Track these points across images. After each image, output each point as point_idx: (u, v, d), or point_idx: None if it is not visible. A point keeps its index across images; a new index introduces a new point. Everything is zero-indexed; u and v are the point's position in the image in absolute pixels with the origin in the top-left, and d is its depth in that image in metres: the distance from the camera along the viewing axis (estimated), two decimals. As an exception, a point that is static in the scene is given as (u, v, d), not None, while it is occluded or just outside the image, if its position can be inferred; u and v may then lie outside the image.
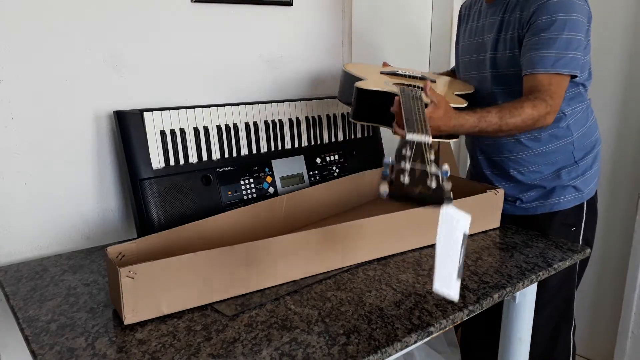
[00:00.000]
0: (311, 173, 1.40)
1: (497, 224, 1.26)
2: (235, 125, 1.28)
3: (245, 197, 1.27)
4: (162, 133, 1.17)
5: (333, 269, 1.03)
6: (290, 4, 1.44)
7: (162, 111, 1.18)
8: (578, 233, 1.35)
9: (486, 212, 1.23)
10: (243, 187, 1.27)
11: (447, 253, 0.79)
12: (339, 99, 1.35)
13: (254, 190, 1.29)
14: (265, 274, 0.95)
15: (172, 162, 1.18)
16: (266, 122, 1.34)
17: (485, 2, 1.32)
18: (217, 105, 1.26)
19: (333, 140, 1.47)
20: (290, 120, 1.38)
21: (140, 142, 1.14)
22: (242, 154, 1.29)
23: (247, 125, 1.30)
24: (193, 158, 1.21)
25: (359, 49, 1.62)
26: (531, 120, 1.11)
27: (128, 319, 0.82)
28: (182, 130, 1.20)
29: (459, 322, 0.90)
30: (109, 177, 1.22)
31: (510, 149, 1.30)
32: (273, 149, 1.35)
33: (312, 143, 1.43)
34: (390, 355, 0.79)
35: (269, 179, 1.32)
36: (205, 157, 1.23)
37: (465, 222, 0.80)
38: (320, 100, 1.45)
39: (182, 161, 1.20)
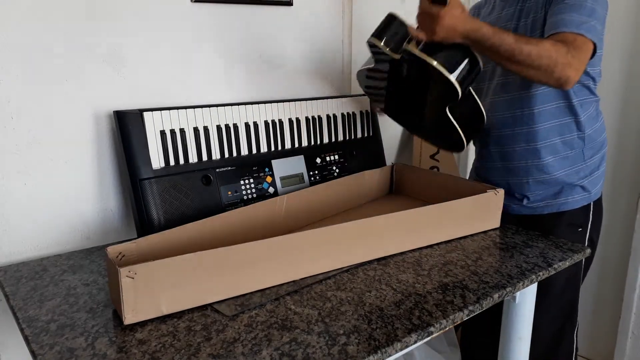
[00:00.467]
0: (311, 173, 1.40)
1: (497, 224, 1.26)
2: (235, 125, 1.28)
3: (245, 197, 1.27)
4: (162, 133, 1.17)
5: (333, 269, 1.03)
6: (290, 4, 1.44)
7: (162, 111, 1.18)
8: (584, 234, 1.34)
9: (486, 212, 1.23)
10: (243, 187, 1.27)
11: None
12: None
13: (254, 190, 1.29)
14: (265, 274, 0.95)
15: (172, 162, 1.18)
16: (266, 122, 1.34)
17: None
18: (217, 105, 1.26)
19: (333, 140, 1.47)
20: (290, 120, 1.38)
21: (140, 142, 1.14)
22: (242, 154, 1.29)
23: (247, 125, 1.30)
24: (193, 158, 1.21)
25: (359, 49, 1.62)
26: (548, 57, 1.05)
27: (128, 319, 0.82)
28: (182, 130, 1.20)
29: (459, 322, 0.90)
30: (108, 177, 1.22)
31: (526, 139, 1.29)
32: (273, 149, 1.35)
33: (312, 143, 1.43)
34: (390, 355, 0.79)
35: (269, 179, 1.32)
36: (205, 157, 1.23)
37: None
38: (320, 100, 1.45)
39: (182, 161, 1.20)
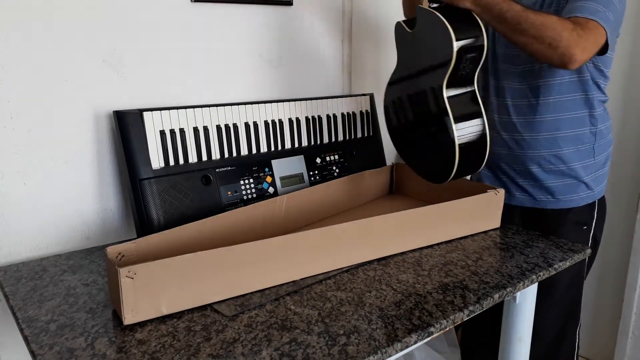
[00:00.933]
0: (311, 173, 1.40)
1: (497, 224, 1.26)
2: (235, 125, 1.28)
3: (245, 197, 1.27)
4: (162, 133, 1.17)
5: (333, 269, 1.02)
6: (290, 4, 1.44)
7: (162, 111, 1.18)
8: (589, 232, 1.34)
9: (486, 212, 1.23)
10: (243, 187, 1.27)
11: None
12: None
13: (253, 190, 1.29)
14: (265, 274, 0.94)
15: (171, 162, 1.18)
16: (266, 122, 1.34)
17: None
18: (217, 105, 1.26)
19: (333, 140, 1.47)
20: (290, 120, 1.38)
21: (140, 142, 1.14)
22: (242, 154, 1.29)
23: (247, 125, 1.30)
24: (193, 158, 1.21)
25: (359, 49, 1.62)
26: (553, 29, 1.02)
27: (128, 319, 0.82)
28: (182, 130, 1.20)
29: (459, 323, 0.90)
30: (108, 177, 1.22)
31: (539, 129, 1.29)
32: (273, 149, 1.35)
33: (312, 143, 1.42)
34: (390, 356, 0.79)
35: (269, 179, 1.32)
36: (205, 157, 1.23)
37: None
38: (320, 100, 1.45)
39: (181, 161, 1.19)
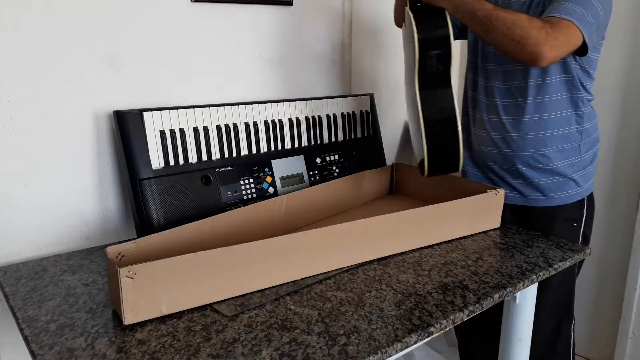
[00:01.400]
0: (311, 173, 1.40)
1: (497, 224, 1.26)
2: (235, 125, 1.28)
3: (245, 197, 1.27)
4: (162, 133, 1.17)
5: (333, 269, 1.03)
6: (290, 4, 1.44)
7: (162, 111, 1.18)
8: (579, 229, 1.36)
9: (486, 212, 1.23)
10: (243, 187, 1.27)
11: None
12: None
13: (253, 190, 1.29)
14: (265, 274, 0.94)
15: (171, 162, 1.18)
16: (266, 122, 1.34)
17: None
18: (217, 105, 1.26)
19: (333, 140, 1.47)
20: (290, 120, 1.38)
21: (140, 142, 1.14)
22: (242, 154, 1.29)
23: (247, 125, 1.30)
24: (193, 158, 1.21)
25: (359, 49, 1.62)
26: (521, 27, 1.05)
27: (128, 319, 0.82)
28: (182, 130, 1.20)
29: (459, 323, 0.90)
30: (108, 177, 1.22)
31: (526, 128, 1.29)
32: (273, 149, 1.35)
33: (312, 143, 1.42)
34: (390, 356, 0.79)
35: (269, 179, 1.32)
36: (205, 157, 1.23)
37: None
38: (320, 100, 1.45)
39: (181, 161, 1.19)
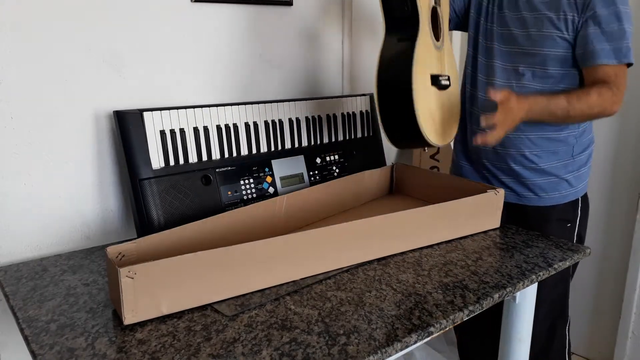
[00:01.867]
0: (311, 173, 1.40)
1: (497, 224, 1.26)
2: (235, 125, 1.28)
3: (245, 197, 1.27)
4: (162, 133, 1.17)
5: (333, 269, 1.03)
6: (290, 4, 1.44)
7: (162, 111, 1.18)
8: (573, 229, 1.37)
9: (486, 212, 1.23)
10: (243, 187, 1.27)
11: None
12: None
13: (254, 190, 1.29)
14: (265, 274, 0.95)
15: (172, 162, 1.18)
16: (266, 122, 1.34)
17: None
18: (217, 105, 1.26)
19: (333, 140, 1.47)
20: (290, 120, 1.38)
21: (140, 142, 1.14)
22: (242, 154, 1.29)
23: (247, 125, 1.30)
24: (193, 158, 1.21)
25: (359, 49, 1.62)
26: (598, 107, 1.18)
27: (128, 319, 0.82)
28: (182, 130, 1.20)
29: (459, 323, 0.90)
30: (109, 177, 1.22)
31: (521, 128, 1.28)
32: (273, 149, 1.35)
33: (312, 143, 1.43)
34: (390, 356, 0.79)
35: (269, 179, 1.32)
36: (205, 157, 1.23)
37: None
38: (320, 100, 1.45)
39: (182, 161, 1.20)
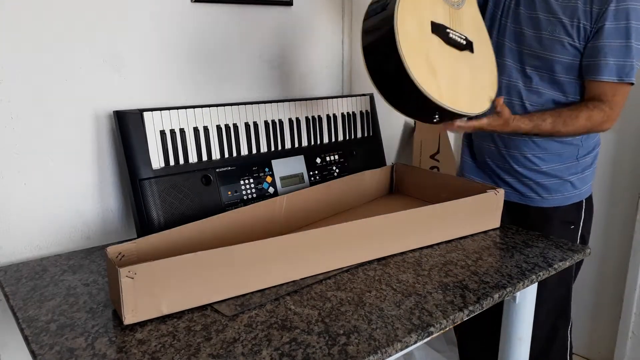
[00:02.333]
0: (311, 173, 1.40)
1: (497, 224, 1.26)
2: (235, 125, 1.28)
3: (245, 197, 1.27)
4: (162, 133, 1.17)
5: (333, 269, 1.03)
6: (290, 4, 1.44)
7: (162, 111, 1.18)
8: (576, 231, 1.36)
9: (486, 212, 1.23)
10: (243, 187, 1.27)
11: None
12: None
13: (254, 190, 1.29)
14: (265, 274, 0.95)
15: (172, 162, 1.18)
16: (266, 122, 1.34)
17: None
18: (217, 105, 1.26)
19: (333, 140, 1.47)
20: (290, 120, 1.38)
21: (140, 142, 1.14)
22: (242, 154, 1.29)
23: (247, 125, 1.30)
24: (193, 158, 1.21)
25: (359, 49, 1.62)
26: (583, 129, 1.20)
27: (128, 319, 0.82)
28: (182, 130, 1.20)
29: (459, 323, 0.90)
30: (109, 177, 1.22)
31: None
32: (273, 149, 1.35)
33: (312, 143, 1.42)
34: (390, 356, 0.79)
35: (269, 179, 1.32)
36: (205, 157, 1.23)
37: None
38: (320, 100, 1.45)
39: (182, 161, 1.20)
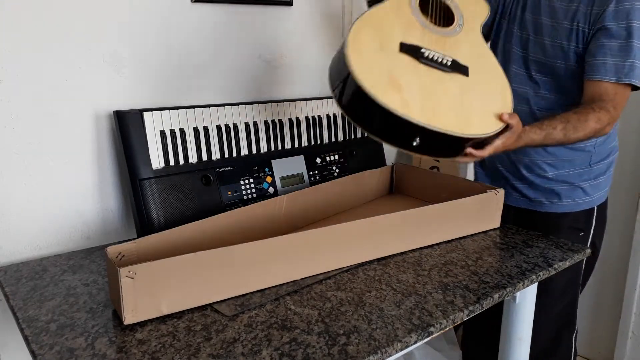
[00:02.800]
0: (311, 173, 1.40)
1: (497, 224, 1.26)
2: (235, 125, 1.28)
3: (245, 197, 1.27)
4: (162, 133, 1.17)
5: (333, 269, 1.03)
6: (290, 4, 1.44)
7: (162, 111, 1.18)
8: (586, 238, 1.33)
9: (486, 212, 1.23)
10: (243, 187, 1.27)
11: None
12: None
13: (254, 190, 1.29)
14: (265, 274, 0.95)
15: (172, 162, 1.18)
16: (266, 122, 1.34)
17: None
18: (217, 105, 1.26)
19: (333, 140, 1.47)
20: (290, 120, 1.38)
21: (140, 142, 1.14)
22: (242, 154, 1.29)
23: (247, 125, 1.30)
24: (193, 158, 1.21)
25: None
26: (593, 133, 1.14)
27: (128, 319, 0.82)
28: (182, 130, 1.20)
29: (459, 323, 0.90)
30: (109, 177, 1.22)
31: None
32: (273, 149, 1.35)
33: (312, 143, 1.42)
34: (390, 355, 0.79)
35: (269, 179, 1.32)
36: (205, 157, 1.23)
37: None
38: (320, 100, 1.45)
39: (182, 161, 1.20)
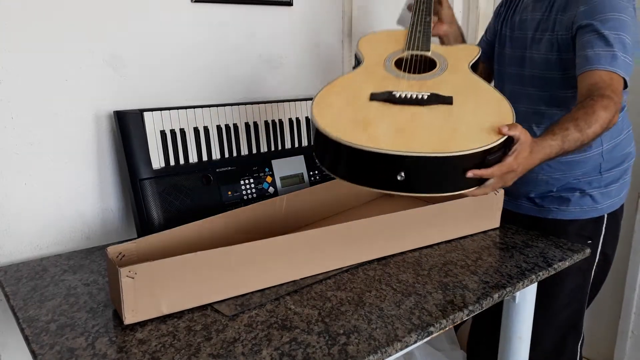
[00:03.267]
0: (311, 173, 1.40)
1: (497, 224, 1.26)
2: (235, 125, 1.28)
3: (245, 197, 1.27)
4: (162, 133, 1.17)
5: (333, 269, 1.03)
6: (290, 4, 1.44)
7: (162, 111, 1.18)
8: (595, 247, 1.27)
9: (486, 212, 1.23)
10: (243, 187, 1.27)
11: None
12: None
13: (254, 190, 1.29)
14: (265, 274, 0.95)
15: (172, 162, 1.18)
16: (266, 122, 1.34)
17: None
18: (217, 105, 1.26)
19: (333, 140, 1.47)
20: (290, 120, 1.38)
21: (140, 142, 1.14)
22: (242, 154, 1.29)
23: (247, 125, 1.30)
24: (193, 158, 1.21)
25: (359, 49, 1.62)
26: (606, 123, 1.04)
27: (128, 319, 0.82)
28: (182, 130, 1.20)
29: (459, 322, 0.90)
30: (109, 177, 1.22)
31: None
32: (273, 149, 1.35)
33: (312, 143, 1.42)
34: (390, 355, 0.79)
35: (269, 179, 1.32)
36: (205, 157, 1.23)
37: None
38: (320, 100, 1.45)
39: (182, 161, 1.20)
